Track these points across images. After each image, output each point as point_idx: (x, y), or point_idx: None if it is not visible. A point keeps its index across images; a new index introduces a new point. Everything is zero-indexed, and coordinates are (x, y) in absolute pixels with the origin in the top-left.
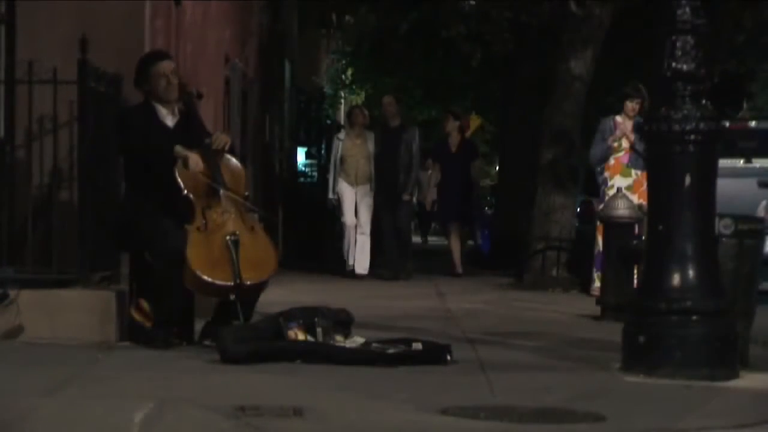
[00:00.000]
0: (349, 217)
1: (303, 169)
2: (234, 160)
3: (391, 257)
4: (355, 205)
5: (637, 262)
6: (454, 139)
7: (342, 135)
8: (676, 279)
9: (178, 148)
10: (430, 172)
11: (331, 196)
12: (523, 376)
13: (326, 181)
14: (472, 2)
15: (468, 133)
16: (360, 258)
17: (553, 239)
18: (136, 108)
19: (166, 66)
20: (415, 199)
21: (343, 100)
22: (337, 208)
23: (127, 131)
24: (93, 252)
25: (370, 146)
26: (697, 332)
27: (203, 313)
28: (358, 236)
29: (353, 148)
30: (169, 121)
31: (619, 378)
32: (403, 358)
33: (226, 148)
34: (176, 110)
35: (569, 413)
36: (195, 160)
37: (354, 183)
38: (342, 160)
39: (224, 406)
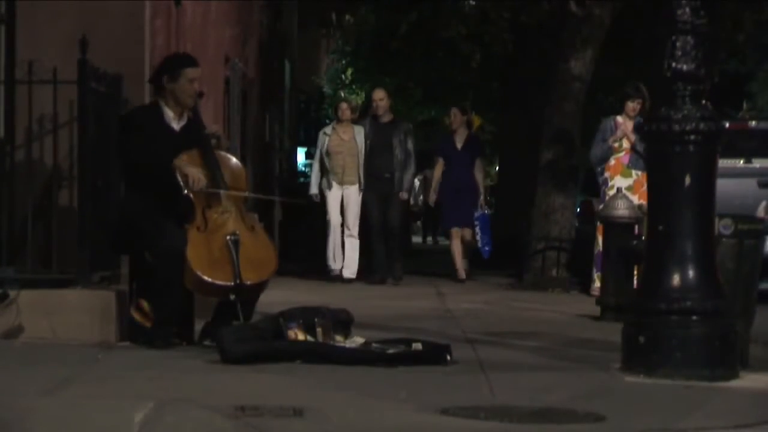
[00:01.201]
0: (334, 217)
1: (303, 169)
2: (234, 160)
3: (379, 259)
4: (341, 205)
5: (637, 262)
6: (460, 135)
7: (329, 130)
8: (675, 279)
9: (179, 163)
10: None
11: (313, 191)
12: (523, 376)
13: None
14: (472, 2)
15: None
16: (349, 261)
17: (553, 239)
18: (143, 109)
19: (197, 72)
20: (420, 200)
21: None
22: (320, 204)
23: (131, 132)
24: (93, 252)
25: (359, 141)
26: (697, 332)
27: (203, 313)
28: (346, 239)
29: (341, 144)
30: (175, 124)
31: (619, 378)
32: (403, 358)
33: (221, 142)
34: (184, 114)
35: (569, 413)
36: (195, 178)
37: (341, 182)
38: (328, 156)
39: (224, 406)
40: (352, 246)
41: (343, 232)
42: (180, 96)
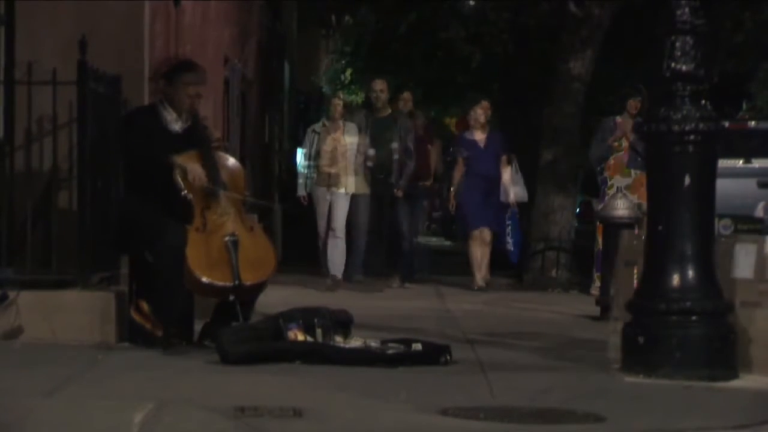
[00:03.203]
0: (322, 224)
1: (302, 169)
2: (232, 160)
3: (370, 262)
4: (329, 207)
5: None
6: (481, 132)
7: (318, 127)
8: (675, 279)
9: (177, 159)
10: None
11: (300, 192)
12: (522, 376)
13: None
14: (471, 2)
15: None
16: (336, 260)
17: (553, 240)
18: (144, 110)
19: (198, 82)
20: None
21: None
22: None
23: (131, 133)
24: (92, 253)
25: (352, 140)
26: (696, 332)
27: (202, 314)
28: (330, 239)
29: (332, 143)
30: (176, 126)
31: (618, 378)
32: (402, 358)
33: (218, 145)
34: (185, 116)
35: (569, 414)
36: (196, 173)
37: (330, 183)
38: (318, 155)
39: (224, 406)
40: (337, 245)
41: (327, 234)
42: (176, 101)
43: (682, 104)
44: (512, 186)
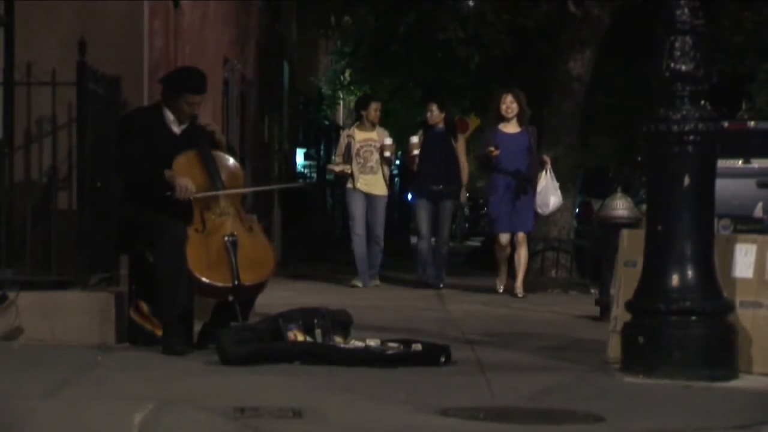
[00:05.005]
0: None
1: (302, 170)
2: (231, 160)
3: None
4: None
5: None
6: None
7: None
8: (675, 279)
9: (168, 173)
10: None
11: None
12: (522, 377)
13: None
14: (470, 3)
15: (467, 134)
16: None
17: (553, 240)
18: (144, 111)
19: (198, 99)
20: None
21: (341, 101)
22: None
23: (130, 137)
24: (92, 254)
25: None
26: (696, 333)
27: (201, 314)
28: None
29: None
30: (176, 127)
31: (618, 378)
32: (402, 359)
33: (216, 136)
34: (184, 118)
35: (568, 414)
36: (182, 187)
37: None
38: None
39: (223, 407)
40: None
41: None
42: (174, 108)
43: (681, 104)
44: (551, 195)
